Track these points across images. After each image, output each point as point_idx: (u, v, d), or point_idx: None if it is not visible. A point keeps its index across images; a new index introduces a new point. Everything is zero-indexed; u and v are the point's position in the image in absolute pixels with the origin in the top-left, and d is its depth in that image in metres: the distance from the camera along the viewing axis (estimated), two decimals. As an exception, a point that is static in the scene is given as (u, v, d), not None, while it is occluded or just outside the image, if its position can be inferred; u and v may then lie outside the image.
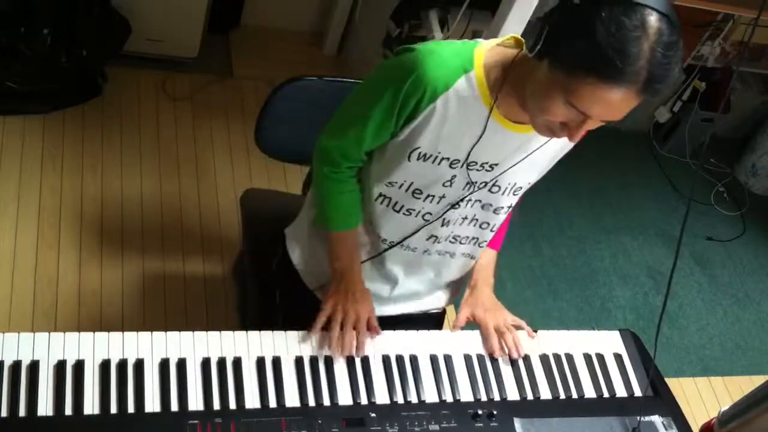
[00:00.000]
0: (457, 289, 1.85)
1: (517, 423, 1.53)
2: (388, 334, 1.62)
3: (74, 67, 2.77)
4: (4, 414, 1.31)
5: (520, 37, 1.42)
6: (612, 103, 1.24)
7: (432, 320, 1.89)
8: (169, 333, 1.48)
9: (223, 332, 1.51)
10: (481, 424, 1.51)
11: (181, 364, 1.44)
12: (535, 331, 1.71)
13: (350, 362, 1.54)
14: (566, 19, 1.24)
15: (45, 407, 1.34)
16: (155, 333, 1.47)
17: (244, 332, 1.53)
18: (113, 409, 1.36)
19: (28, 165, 2.69)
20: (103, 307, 2.45)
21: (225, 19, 3.32)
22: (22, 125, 2.78)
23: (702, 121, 3.56)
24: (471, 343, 1.66)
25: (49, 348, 1.40)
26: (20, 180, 2.65)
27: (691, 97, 3.54)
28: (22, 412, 1.32)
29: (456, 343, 1.64)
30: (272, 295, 1.84)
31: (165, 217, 2.72)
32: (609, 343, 1.75)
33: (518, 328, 1.71)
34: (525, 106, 1.38)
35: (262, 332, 1.54)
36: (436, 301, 1.84)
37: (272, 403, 1.45)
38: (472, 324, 1.71)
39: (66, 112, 2.87)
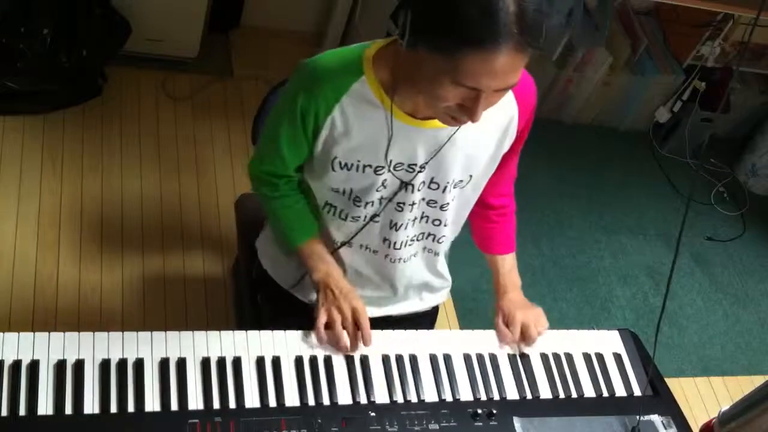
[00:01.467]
0: (441, 288, 1.85)
1: (517, 422, 1.53)
2: (388, 334, 1.62)
3: (74, 67, 2.77)
4: (4, 414, 1.31)
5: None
6: (497, 69, 1.20)
7: (425, 320, 1.89)
8: (169, 333, 1.48)
9: (223, 332, 1.51)
10: (481, 424, 1.51)
11: (181, 364, 1.44)
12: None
13: (349, 362, 1.54)
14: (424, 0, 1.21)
15: (45, 407, 1.34)
16: (155, 333, 1.47)
17: (244, 332, 1.53)
18: (113, 409, 1.36)
19: (28, 165, 2.70)
20: (103, 307, 2.45)
21: (225, 19, 3.32)
22: (22, 125, 2.78)
23: (702, 121, 3.56)
24: (471, 342, 1.66)
25: (49, 348, 1.40)
26: (20, 180, 2.65)
27: (691, 97, 3.53)
28: (22, 412, 1.32)
29: (456, 342, 1.64)
30: (257, 297, 1.88)
31: (165, 217, 2.72)
32: (608, 342, 1.75)
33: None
34: (424, 101, 1.37)
35: (262, 332, 1.54)
36: (422, 303, 1.84)
37: (272, 402, 1.45)
38: (472, 324, 1.71)
39: (66, 112, 2.87)
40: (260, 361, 1.49)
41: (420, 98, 1.39)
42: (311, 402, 1.47)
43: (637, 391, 1.68)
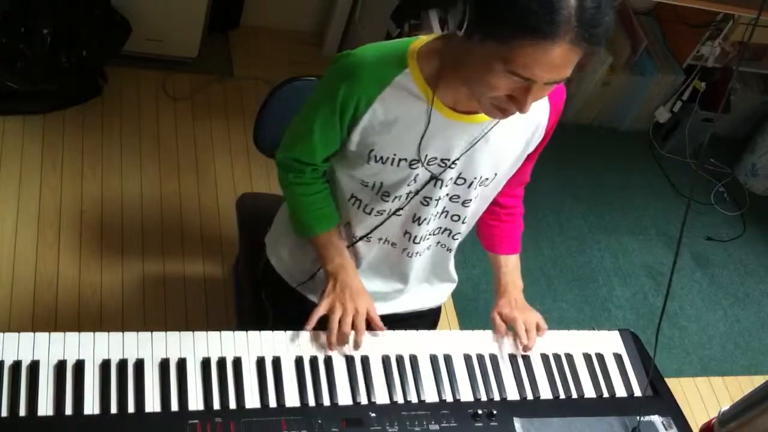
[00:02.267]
0: (447, 287, 1.86)
1: (517, 423, 1.53)
2: (387, 334, 1.62)
3: (74, 67, 2.77)
4: (4, 414, 1.31)
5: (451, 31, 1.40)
6: (552, 61, 1.22)
7: (428, 319, 1.89)
8: (169, 333, 1.48)
9: (223, 332, 1.51)
10: (481, 424, 1.51)
11: (181, 364, 1.44)
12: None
13: (350, 362, 1.54)
14: None
15: (45, 407, 1.34)
16: (155, 333, 1.47)
17: (244, 332, 1.53)
18: (113, 409, 1.36)
19: (28, 165, 2.70)
20: (103, 307, 2.45)
21: (225, 19, 3.32)
22: (22, 125, 2.78)
23: (702, 121, 3.57)
24: (471, 343, 1.66)
25: (49, 348, 1.40)
26: (20, 180, 2.65)
27: (691, 97, 3.54)
28: (22, 412, 1.32)
29: (456, 343, 1.64)
30: (261, 296, 1.87)
31: (165, 217, 2.72)
32: (609, 343, 1.75)
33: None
34: (469, 92, 1.37)
35: (262, 332, 1.54)
36: (428, 299, 1.84)
37: (272, 402, 1.45)
38: (472, 324, 1.71)
39: (66, 112, 2.87)
40: (260, 362, 1.49)
41: (464, 90, 1.40)
42: (311, 402, 1.47)
43: (637, 392, 1.68)
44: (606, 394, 1.66)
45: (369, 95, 1.43)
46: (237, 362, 1.48)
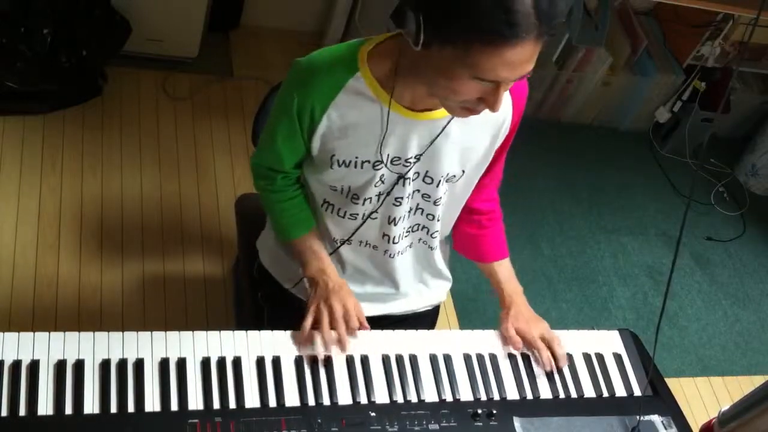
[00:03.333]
0: (442, 286, 1.85)
1: (517, 422, 1.53)
2: (388, 334, 1.62)
3: (74, 67, 2.77)
4: (4, 414, 1.31)
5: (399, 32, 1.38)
6: (517, 61, 1.21)
7: (427, 320, 1.89)
8: (169, 333, 1.48)
9: (223, 332, 1.51)
10: (481, 424, 1.51)
11: (181, 364, 1.44)
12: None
13: (350, 362, 1.54)
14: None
15: (45, 407, 1.34)
16: (155, 333, 1.47)
17: (244, 332, 1.53)
18: (113, 409, 1.36)
19: (28, 165, 2.70)
20: (103, 307, 2.45)
21: (225, 19, 3.32)
22: (22, 125, 2.78)
23: (702, 121, 3.56)
24: (471, 342, 1.65)
25: (49, 348, 1.40)
26: (20, 180, 2.65)
27: (691, 97, 3.53)
28: (22, 412, 1.32)
29: (455, 342, 1.64)
30: (258, 296, 1.88)
31: (165, 217, 2.72)
32: (608, 342, 1.75)
33: None
34: (428, 92, 1.37)
35: (262, 332, 1.54)
36: (424, 300, 1.84)
37: (272, 402, 1.45)
38: (472, 324, 1.71)
39: (66, 112, 2.87)
40: (260, 361, 1.49)
41: (420, 90, 1.40)
42: (311, 402, 1.47)
43: (637, 391, 1.68)
44: (606, 394, 1.66)
45: (322, 102, 1.43)
46: (237, 362, 1.48)
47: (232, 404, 1.42)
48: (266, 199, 1.67)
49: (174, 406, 1.39)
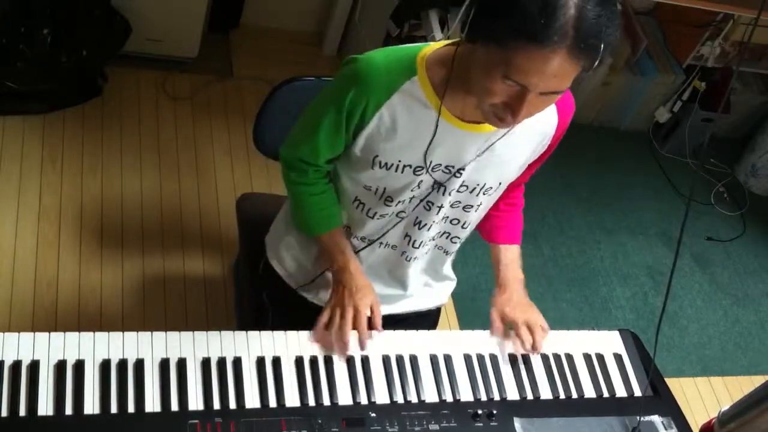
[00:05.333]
0: (447, 287, 1.86)
1: (517, 423, 1.53)
2: (388, 334, 1.62)
3: (74, 67, 2.77)
4: (4, 414, 1.31)
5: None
6: (547, 70, 1.22)
7: (428, 320, 1.89)
8: (169, 333, 1.48)
9: (223, 332, 1.51)
10: (481, 424, 1.51)
11: (181, 364, 1.44)
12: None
13: (350, 362, 1.54)
14: None
15: (45, 407, 1.34)
16: (155, 333, 1.47)
17: (244, 332, 1.53)
18: (113, 409, 1.36)
19: (28, 165, 2.70)
20: (103, 307, 2.45)
21: (225, 19, 3.32)
22: (22, 125, 2.78)
23: (702, 121, 3.57)
24: (471, 343, 1.66)
25: (49, 348, 1.40)
26: (20, 180, 2.65)
27: (691, 97, 3.54)
28: (22, 412, 1.32)
29: (456, 343, 1.64)
30: (262, 296, 1.87)
31: (165, 217, 2.72)
32: (609, 343, 1.75)
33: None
34: (475, 101, 1.38)
35: (262, 332, 1.54)
36: (428, 300, 1.84)
37: (272, 402, 1.45)
38: (472, 324, 1.71)
39: (66, 112, 2.87)
40: (260, 362, 1.49)
41: (470, 100, 1.40)
42: (311, 402, 1.47)
43: (637, 392, 1.68)
44: (606, 394, 1.66)
45: (377, 101, 1.43)
46: (237, 362, 1.48)
47: (233, 404, 1.42)
48: (296, 191, 1.65)
49: (174, 406, 1.39)
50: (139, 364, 1.42)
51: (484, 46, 1.26)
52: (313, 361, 1.52)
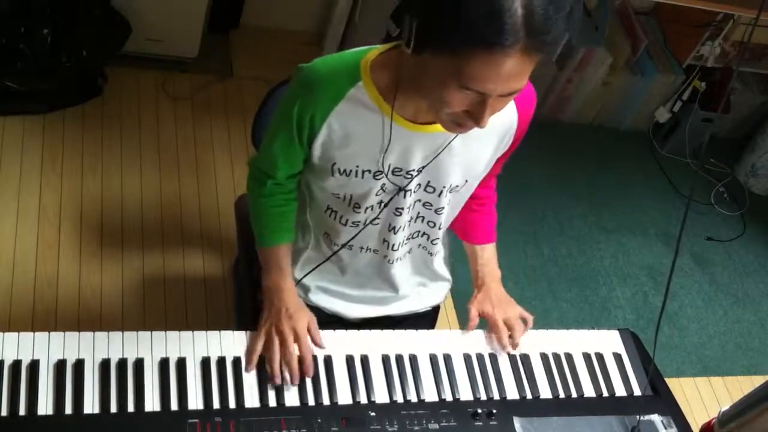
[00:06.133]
0: (442, 287, 1.86)
1: (517, 422, 1.53)
2: (388, 334, 1.62)
3: (74, 67, 2.77)
4: (4, 413, 1.31)
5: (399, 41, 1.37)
6: (504, 73, 1.18)
7: (426, 320, 1.89)
8: (169, 333, 1.48)
9: (223, 332, 1.52)
10: (481, 423, 1.51)
11: (181, 364, 1.45)
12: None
13: (350, 362, 1.54)
14: (429, 2, 1.19)
15: (45, 407, 1.34)
16: (155, 333, 1.47)
17: (244, 332, 1.53)
18: (113, 409, 1.36)
19: (28, 165, 2.70)
20: (103, 307, 2.45)
21: (225, 19, 3.32)
22: (22, 125, 2.78)
23: (702, 121, 3.57)
24: (470, 342, 1.66)
25: (49, 348, 1.40)
26: (20, 180, 2.65)
27: (691, 97, 3.54)
28: (22, 412, 1.32)
29: (455, 342, 1.64)
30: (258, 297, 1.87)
31: (165, 217, 2.72)
32: (608, 342, 1.75)
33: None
34: (427, 105, 1.36)
35: (262, 332, 1.54)
36: (424, 301, 1.84)
37: (272, 402, 1.45)
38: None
39: (66, 112, 2.87)
40: (260, 361, 1.49)
41: (422, 103, 1.39)
42: (311, 402, 1.47)
43: (637, 391, 1.68)
44: (606, 394, 1.66)
45: (323, 111, 1.42)
46: (237, 362, 1.48)
47: (232, 404, 1.42)
48: (253, 200, 1.66)
49: (174, 405, 1.40)
50: (139, 364, 1.42)
51: (432, 56, 1.22)
52: (313, 360, 1.52)
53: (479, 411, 1.52)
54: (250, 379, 1.46)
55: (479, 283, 1.74)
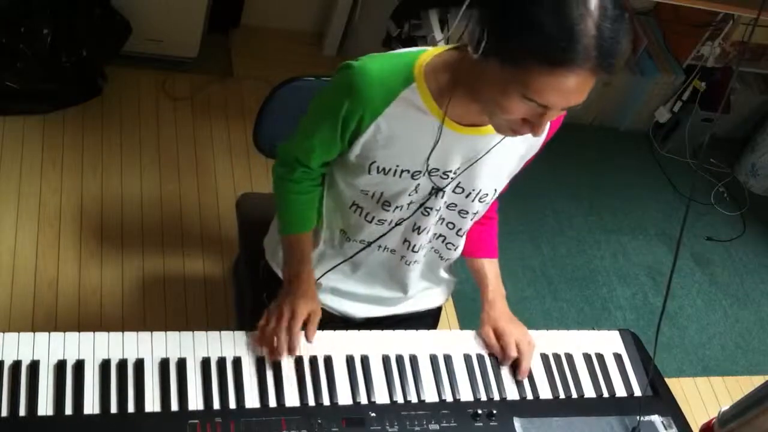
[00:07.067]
0: (446, 288, 1.86)
1: (517, 423, 1.53)
2: (388, 334, 1.62)
3: (74, 67, 2.77)
4: (4, 414, 1.31)
5: (462, 44, 1.38)
6: (569, 89, 1.21)
7: (428, 320, 1.89)
8: (169, 333, 1.48)
9: (223, 332, 1.51)
10: (481, 424, 1.51)
11: (181, 364, 1.44)
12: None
13: (350, 362, 1.54)
14: (506, 11, 1.21)
15: (45, 407, 1.34)
16: (155, 333, 1.47)
17: (244, 332, 1.53)
18: (113, 409, 1.36)
19: (28, 165, 2.70)
20: (103, 307, 2.45)
21: (225, 19, 3.32)
22: (22, 125, 2.78)
23: (702, 121, 3.57)
24: (471, 342, 1.66)
25: (49, 348, 1.40)
26: (20, 180, 2.65)
27: (691, 97, 3.54)
28: (22, 412, 1.32)
29: (456, 342, 1.64)
30: (261, 296, 1.86)
31: (165, 217, 2.72)
32: (609, 343, 1.75)
33: None
34: (480, 109, 1.37)
35: (262, 332, 1.54)
36: (428, 301, 1.84)
37: (272, 402, 1.45)
38: (472, 324, 1.71)
39: (66, 112, 2.87)
40: (260, 361, 1.49)
41: (473, 106, 1.39)
42: (311, 402, 1.47)
43: (637, 392, 1.68)
44: (606, 394, 1.66)
45: (373, 111, 1.41)
46: (237, 362, 1.48)
47: (232, 404, 1.42)
48: (280, 186, 1.65)
49: (174, 406, 1.39)
50: (139, 364, 1.42)
51: (499, 64, 1.23)
52: (313, 360, 1.52)
53: (479, 411, 1.52)
54: (250, 380, 1.46)
55: (490, 299, 1.71)
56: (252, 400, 1.44)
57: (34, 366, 1.37)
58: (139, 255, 2.59)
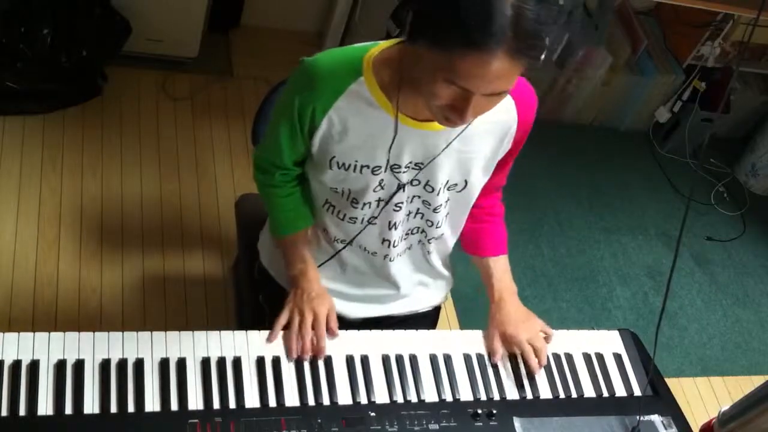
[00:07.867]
0: (443, 286, 1.85)
1: (517, 422, 1.53)
2: (388, 334, 1.62)
3: (74, 67, 2.77)
4: (4, 414, 1.31)
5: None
6: (489, 72, 1.20)
7: (427, 320, 1.89)
8: (169, 333, 1.48)
9: (223, 332, 1.52)
10: (481, 424, 1.51)
11: (181, 364, 1.44)
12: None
13: (350, 362, 1.54)
14: None
15: (45, 407, 1.34)
16: (155, 333, 1.47)
17: (244, 332, 1.53)
18: (113, 409, 1.36)
19: (28, 165, 2.70)
20: (103, 307, 2.45)
21: (225, 19, 3.32)
22: (22, 125, 2.78)
23: (702, 121, 3.56)
24: (471, 342, 1.66)
25: (49, 348, 1.40)
26: (20, 180, 2.65)
27: (691, 97, 3.54)
28: (22, 412, 1.32)
29: (455, 342, 1.64)
30: (259, 297, 1.88)
31: (165, 217, 2.72)
32: (608, 342, 1.75)
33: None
34: (423, 101, 1.37)
35: (262, 332, 1.54)
36: (425, 300, 1.84)
37: (272, 402, 1.45)
38: (472, 324, 1.70)
39: (66, 112, 2.87)
40: (260, 361, 1.49)
41: (420, 99, 1.40)
42: (311, 402, 1.47)
43: (637, 391, 1.68)
44: (606, 394, 1.66)
45: (324, 105, 1.43)
46: (237, 362, 1.48)
47: (232, 404, 1.42)
48: (264, 192, 1.68)
49: (174, 406, 1.40)
50: (139, 364, 1.42)
51: (426, 49, 1.24)
52: (313, 360, 1.53)
53: (479, 411, 1.52)
54: (250, 379, 1.46)
55: (496, 298, 1.70)
56: (252, 400, 1.44)
57: (34, 366, 1.37)
58: (139, 255, 2.59)
